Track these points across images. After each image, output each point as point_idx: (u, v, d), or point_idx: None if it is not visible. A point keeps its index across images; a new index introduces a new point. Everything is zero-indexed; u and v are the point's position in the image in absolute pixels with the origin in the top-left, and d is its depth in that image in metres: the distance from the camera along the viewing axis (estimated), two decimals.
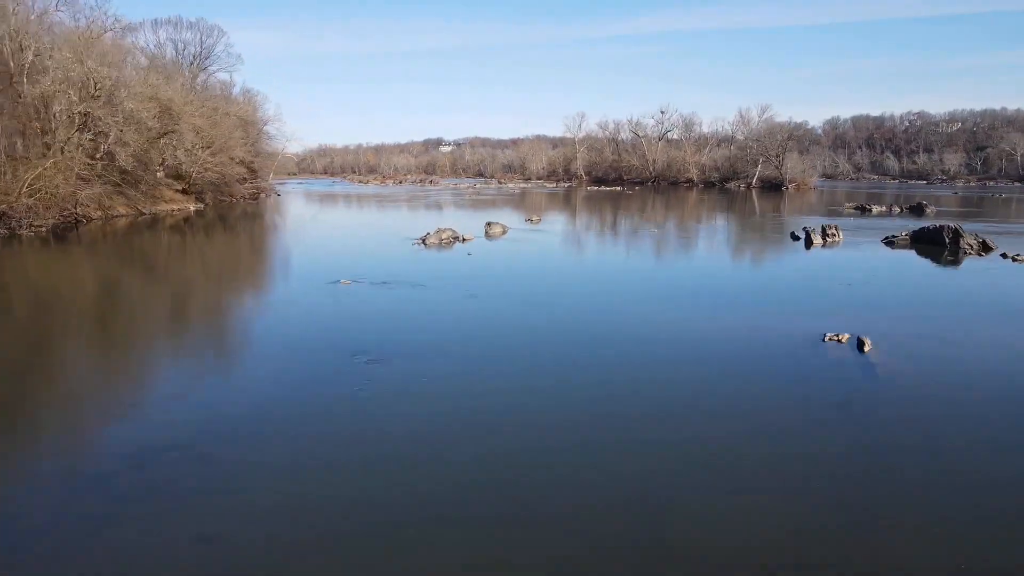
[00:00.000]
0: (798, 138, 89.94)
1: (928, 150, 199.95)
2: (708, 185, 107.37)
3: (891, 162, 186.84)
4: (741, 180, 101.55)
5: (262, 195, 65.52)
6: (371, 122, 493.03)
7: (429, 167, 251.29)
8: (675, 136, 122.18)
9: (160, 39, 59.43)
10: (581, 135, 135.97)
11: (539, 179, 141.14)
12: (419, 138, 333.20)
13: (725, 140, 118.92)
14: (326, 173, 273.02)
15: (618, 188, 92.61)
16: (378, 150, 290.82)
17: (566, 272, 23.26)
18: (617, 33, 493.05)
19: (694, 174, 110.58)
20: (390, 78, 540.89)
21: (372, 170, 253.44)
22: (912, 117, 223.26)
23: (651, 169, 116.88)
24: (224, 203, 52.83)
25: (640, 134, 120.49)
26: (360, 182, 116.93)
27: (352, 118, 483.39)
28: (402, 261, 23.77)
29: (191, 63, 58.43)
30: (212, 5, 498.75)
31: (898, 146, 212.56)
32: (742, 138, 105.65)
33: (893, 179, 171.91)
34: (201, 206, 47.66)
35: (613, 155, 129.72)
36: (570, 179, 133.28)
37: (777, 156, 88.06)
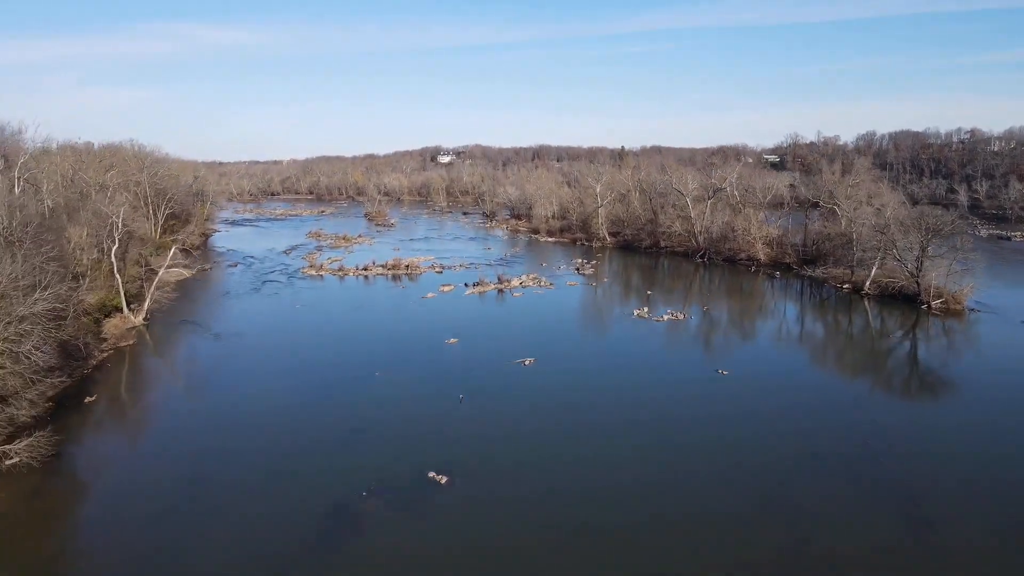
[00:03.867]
0: (943, 233, 58.09)
1: (988, 175, 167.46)
2: (783, 268, 75.93)
3: (956, 194, 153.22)
4: (831, 267, 70.24)
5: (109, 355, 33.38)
6: (371, 127, 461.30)
7: (423, 189, 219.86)
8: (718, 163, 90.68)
9: None
10: (603, 180, 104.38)
11: (550, 235, 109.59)
12: (418, 145, 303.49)
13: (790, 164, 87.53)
14: (312, 194, 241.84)
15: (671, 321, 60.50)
16: (369, 166, 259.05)
17: None
18: (620, 32, 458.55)
19: (760, 250, 79.01)
20: (390, 81, 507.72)
21: (361, 192, 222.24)
22: (964, 135, 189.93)
23: (698, 240, 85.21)
24: None
25: (684, 192, 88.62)
26: (315, 268, 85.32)
27: (351, 123, 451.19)
28: None
29: None
30: (205, 5, 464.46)
31: (950, 170, 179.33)
32: (834, 205, 74.12)
33: (963, 217, 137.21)
34: None
35: (645, 211, 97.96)
36: (590, 239, 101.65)
37: (918, 258, 56.83)
